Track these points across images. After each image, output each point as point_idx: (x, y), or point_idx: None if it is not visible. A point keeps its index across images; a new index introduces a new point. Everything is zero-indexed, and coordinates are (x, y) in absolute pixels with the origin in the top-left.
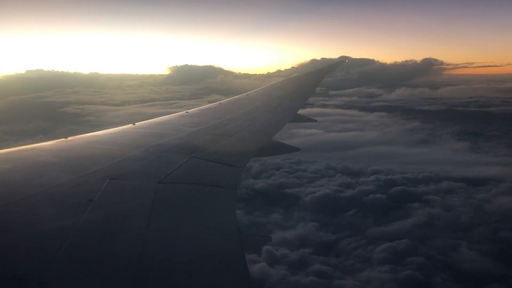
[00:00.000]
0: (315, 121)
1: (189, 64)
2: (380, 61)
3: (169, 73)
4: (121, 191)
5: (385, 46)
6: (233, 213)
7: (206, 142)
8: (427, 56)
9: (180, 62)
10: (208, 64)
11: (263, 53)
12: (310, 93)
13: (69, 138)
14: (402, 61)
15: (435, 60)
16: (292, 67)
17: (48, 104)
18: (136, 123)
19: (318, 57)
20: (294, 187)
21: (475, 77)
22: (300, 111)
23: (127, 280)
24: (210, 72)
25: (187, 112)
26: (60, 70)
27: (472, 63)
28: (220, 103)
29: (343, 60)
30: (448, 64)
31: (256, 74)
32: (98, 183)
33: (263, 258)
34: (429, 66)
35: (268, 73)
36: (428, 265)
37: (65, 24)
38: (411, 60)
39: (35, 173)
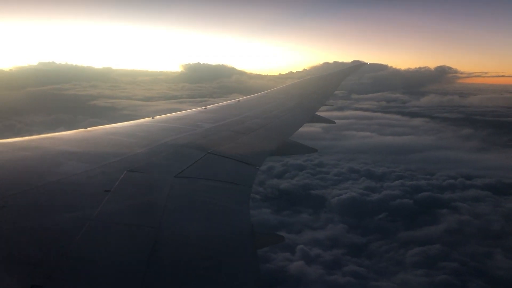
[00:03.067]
0: (334, 122)
1: (201, 63)
2: (394, 67)
3: (181, 71)
4: (138, 183)
5: (398, 52)
6: (247, 210)
7: (223, 139)
8: (441, 64)
9: (191, 60)
10: (220, 64)
11: (274, 54)
12: (330, 94)
13: (89, 128)
14: (415, 68)
15: (449, 68)
16: (304, 69)
17: (72, 97)
18: (155, 117)
19: (331, 61)
20: (319, 189)
21: (488, 87)
22: (323, 113)
23: (140, 271)
24: (223, 72)
25: (205, 108)
26: (74, 64)
27: (486, 73)
28: (238, 100)
29: (363, 63)
30: (462, 73)
31: (268, 75)
32: (115, 174)
33: (298, 256)
34: (443, 73)
35: (280, 74)
36: (462, 270)
37: (75, 18)
38: (424, 67)
39: (54, 162)
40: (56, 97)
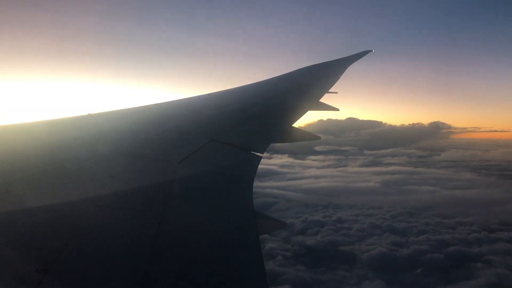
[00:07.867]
0: (337, 109)
1: None
2: (388, 123)
3: None
4: (141, 169)
5: (391, 109)
6: (250, 196)
7: (227, 126)
8: (434, 120)
9: None
10: None
11: None
12: (334, 81)
13: (92, 113)
14: (409, 124)
15: (443, 123)
16: (299, 126)
17: None
18: (158, 103)
19: (325, 118)
20: (346, 245)
21: (483, 141)
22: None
23: (144, 256)
24: None
25: (209, 94)
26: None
27: (478, 128)
28: (242, 87)
29: (369, 50)
30: (456, 128)
31: None
32: (119, 160)
33: None
34: (436, 129)
35: None
36: None
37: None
38: (418, 123)
39: (57, 147)
40: None
